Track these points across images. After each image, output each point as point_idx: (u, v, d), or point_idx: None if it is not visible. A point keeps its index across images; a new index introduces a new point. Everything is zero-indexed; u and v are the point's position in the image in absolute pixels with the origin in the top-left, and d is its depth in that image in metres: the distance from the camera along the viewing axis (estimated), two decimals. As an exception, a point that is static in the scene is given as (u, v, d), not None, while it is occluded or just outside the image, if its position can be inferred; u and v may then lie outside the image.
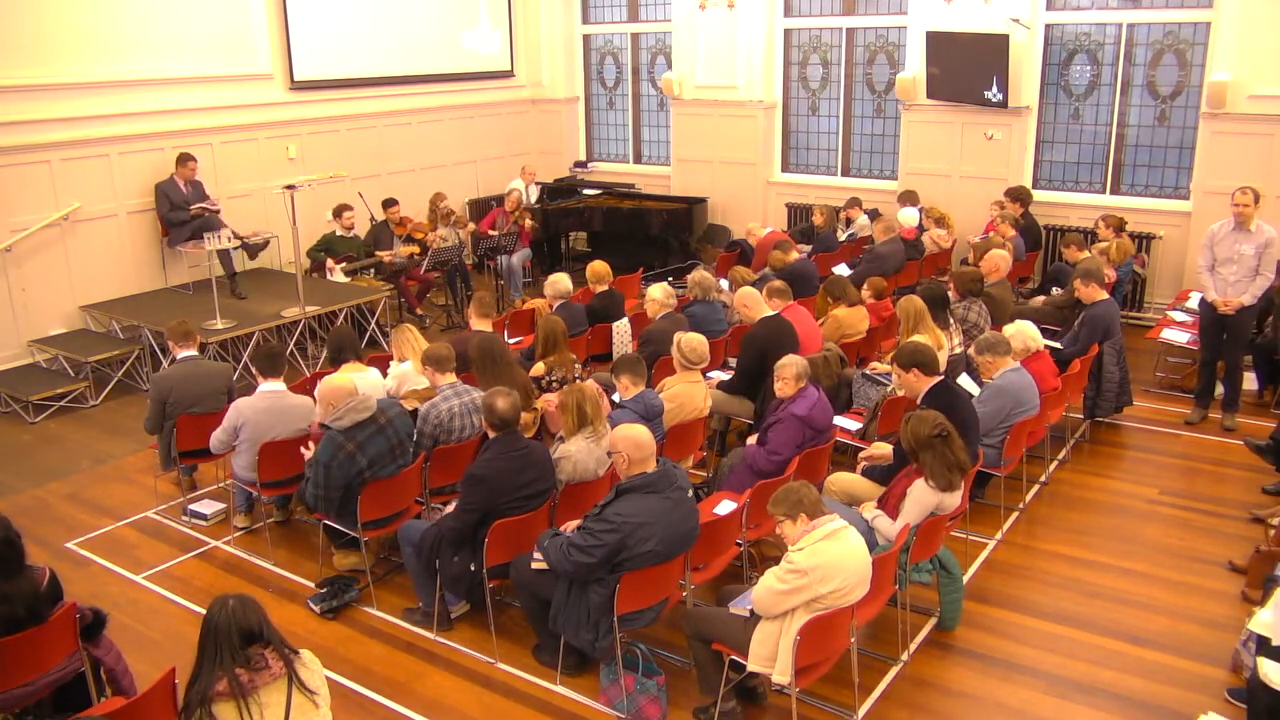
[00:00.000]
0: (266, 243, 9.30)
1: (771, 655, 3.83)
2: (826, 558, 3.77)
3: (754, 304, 6.51)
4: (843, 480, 5.29)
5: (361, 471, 4.96)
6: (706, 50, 11.42)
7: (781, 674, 3.80)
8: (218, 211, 8.90)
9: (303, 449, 5.26)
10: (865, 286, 7.83)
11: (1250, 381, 7.51)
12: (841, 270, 9.16)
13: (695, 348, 5.73)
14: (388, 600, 5.20)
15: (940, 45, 9.87)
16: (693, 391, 5.76)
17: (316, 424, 5.43)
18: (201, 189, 9.05)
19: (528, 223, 10.84)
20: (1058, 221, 9.79)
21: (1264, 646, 3.78)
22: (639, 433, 4.24)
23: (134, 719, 3.27)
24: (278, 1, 9.91)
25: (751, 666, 3.90)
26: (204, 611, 3.02)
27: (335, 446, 4.90)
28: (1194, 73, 9.11)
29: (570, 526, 4.36)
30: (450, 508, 4.89)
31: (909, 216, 9.58)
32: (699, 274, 7.53)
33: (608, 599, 4.11)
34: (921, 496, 4.51)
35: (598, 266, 7.78)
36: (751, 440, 5.59)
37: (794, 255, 8.51)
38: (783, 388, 5.30)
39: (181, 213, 8.78)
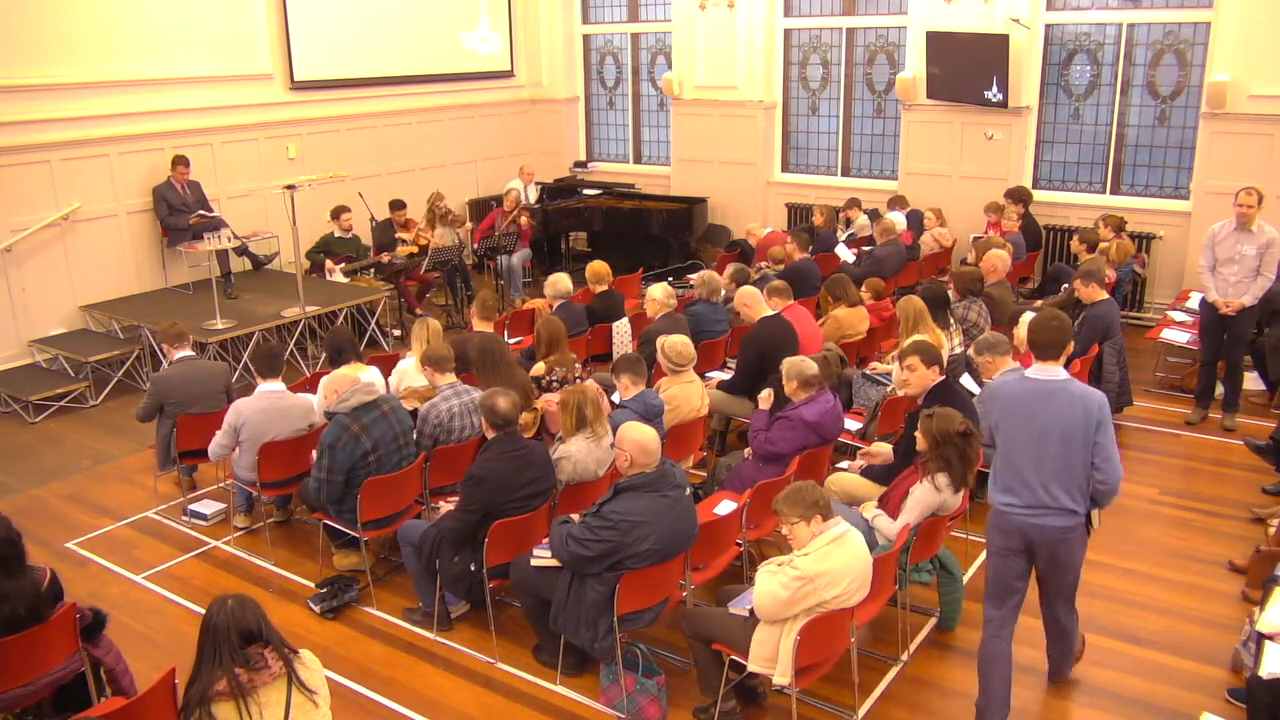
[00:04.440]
0: (273, 256, 9.30)
1: (772, 656, 3.82)
2: (832, 564, 3.75)
3: (754, 304, 6.51)
4: (843, 480, 5.28)
5: (366, 455, 4.97)
6: (706, 50, 11.41)
7: (781, 674, 3.79)
8: (216, 217, 8.93)
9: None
10: (864, 288, 7.83)
11: (1257, 382, 7.51)
12: (843, 253, 9.13)
13: (680, 350, 5.72)
14: (388, 600, 5.20)
15: (940, 45, 9.87)
16: (688, 392, 5.75)
17: (321, 415, 5.44)
18: (199, 189, 9.06)
19: (524, 220, 10.83)
20: (1058, 221, 9.78)
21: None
22: (647, 437, 4.22)
23: (134, 719, 3.27)
24: (278, 1, 9.90)
25: (751, 667, 3.90)
26: (204, 611, 3.02)
27: (341, 428, 4.94)
28: (1194, 73, 9.11)
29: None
30: (445, 506, 4.89)
31: (897, 220, 9.55)
32: (707, 273, 7.54)
33: (607, 598, 4.11)
34: (924, 496, 4.49)
35: (598, 266, 7.78)
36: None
37: (795, 252, 8.50)
38: (787, 387, 5.29)
39: (181, 217, 8.80)
